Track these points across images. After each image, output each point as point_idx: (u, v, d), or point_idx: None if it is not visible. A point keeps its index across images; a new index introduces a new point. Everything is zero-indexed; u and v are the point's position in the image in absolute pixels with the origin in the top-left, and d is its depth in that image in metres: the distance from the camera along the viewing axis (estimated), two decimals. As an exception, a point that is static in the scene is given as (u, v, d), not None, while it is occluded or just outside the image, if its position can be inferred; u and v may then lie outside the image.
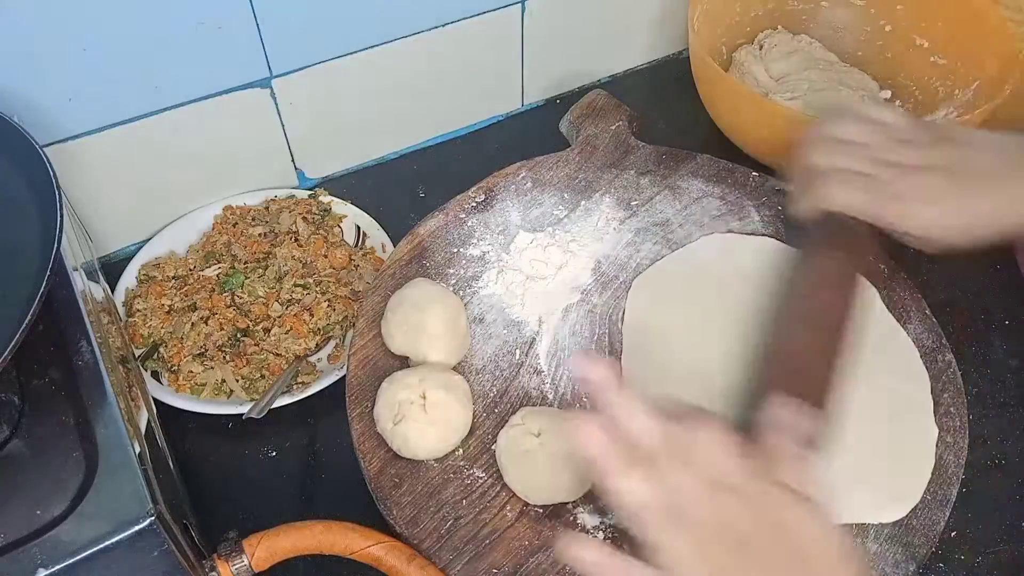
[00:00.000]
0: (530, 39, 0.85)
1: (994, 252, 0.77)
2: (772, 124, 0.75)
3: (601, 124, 0.77)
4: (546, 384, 0.61)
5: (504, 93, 0.90)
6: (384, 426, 0.56)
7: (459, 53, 0.82)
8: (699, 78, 0.82)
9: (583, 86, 0.94)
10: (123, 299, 0.73)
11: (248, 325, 0.70)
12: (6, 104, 0.59)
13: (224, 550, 0.51)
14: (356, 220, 0.79)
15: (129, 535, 0.42)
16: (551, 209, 0.71)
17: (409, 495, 0.55)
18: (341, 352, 0.70)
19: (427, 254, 0.67)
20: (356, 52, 0.76)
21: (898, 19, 0.86)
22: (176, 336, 0.69)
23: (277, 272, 0.73)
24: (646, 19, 0.93)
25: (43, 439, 0.45)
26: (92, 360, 0.48)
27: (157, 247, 0.77)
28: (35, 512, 0.42)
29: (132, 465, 0.44)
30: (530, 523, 0.54)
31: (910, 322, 0.65)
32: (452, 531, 0.54)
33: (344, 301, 0.72)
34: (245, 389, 0.67)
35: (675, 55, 0.98)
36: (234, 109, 0.74)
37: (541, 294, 0.65)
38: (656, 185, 0.73)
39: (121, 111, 0.69)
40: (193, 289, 0.72)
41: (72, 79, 0.65)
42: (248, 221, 0.78)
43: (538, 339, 0.63)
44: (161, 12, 0.65)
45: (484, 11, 0.80)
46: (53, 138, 0.68)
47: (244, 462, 0.65)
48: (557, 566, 0.53)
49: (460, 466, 0.57)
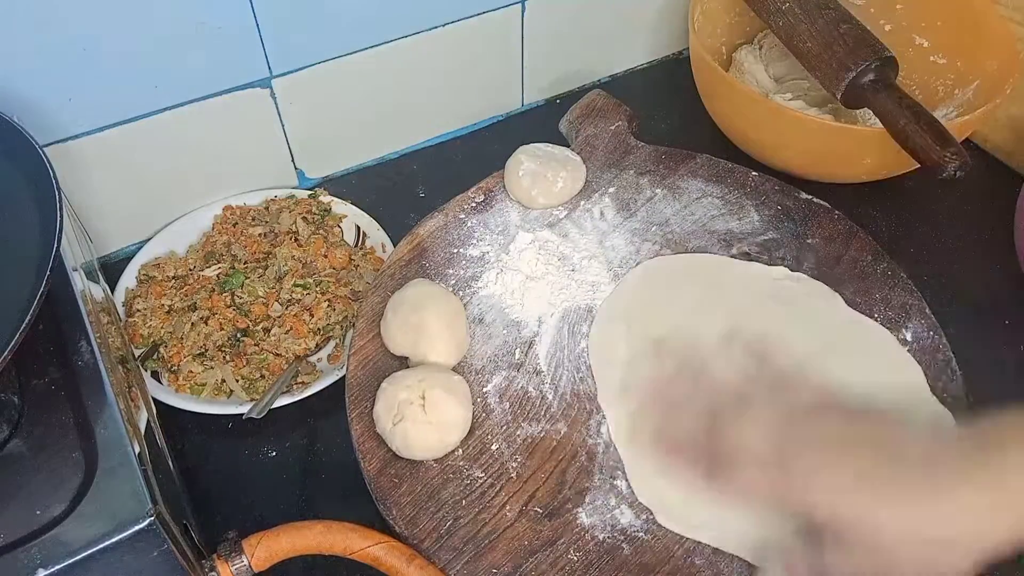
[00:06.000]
0: (530, 39, 0.85)
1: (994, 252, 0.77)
2: (772, 124, 0.75)
3: (601, 124, 0.77)
4: (546, 384, 0.61)
5: (504, 93, 0.90)
6: (384, 426, 0.56)
7: (459, 53, 0.82)
8: (699, 78, 0.82)
9: (583, 86, 0.94)
10: (123, 299, 0.73)
11: (248, 325, 0.70)
12: (6, 104, 0.59)
13: (224, 550, 0.51)
14: (356, 220, 0.79)
15: (129, 535, 0.42)
16: (551, 209, 0.71)
17: (409, 495, 0.55)
18: (341, 352, 0.70)
19: (427, 254, 0.68)
20: (356, 52, 0.76)
21: (898, 19, 0.86)
22: (176, 336, 0.69)
23: (277, 272, 0.73)
24: (646, 19, 0.93)
25: (43, 439, 0.45)
26: (92, 360, 0.48)
27: (157, 247, 0.77)
28: (35, 512, 0.42)
29: (132, 465, 0.44)
30: (530, 523, 0.54)
31: (910, 322, 0.65)
32: (452, 531, 0.54)
33: (344, 301, 0.72)
34: (245, 389, 0.67)
35: (675, 55, 0.98)
36: (234, 109, 0.74)
37: (541, 294, 0.65)
38: (656, 185, 0.73)
39: (121, 111, 0.69)
40: (193, 289, 0.72)
41: (72, 79, 0.65)
42: (248, 221, 0.78)
43: (538, 339, 0.63)
44: (161, 12, 0.65)
45: (484, 11, 0.80)
46: (53, 138, 0.68)
47: (244, 462, 0.65)
48: (557, 566, 0.53)
49: (460, 466, 0.57)
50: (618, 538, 0.54)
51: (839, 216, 0.71)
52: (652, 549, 0.53)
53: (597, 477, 0.56)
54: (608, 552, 0.53)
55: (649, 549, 0.53)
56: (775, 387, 0.46)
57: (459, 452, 0.57)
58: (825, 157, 0.75)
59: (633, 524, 0.54)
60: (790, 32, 0.76)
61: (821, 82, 0.74)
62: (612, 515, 0.55)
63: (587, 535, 0.54)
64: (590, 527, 0.54)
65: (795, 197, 0.72)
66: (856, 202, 0.78)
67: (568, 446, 0.58)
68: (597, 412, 0.59)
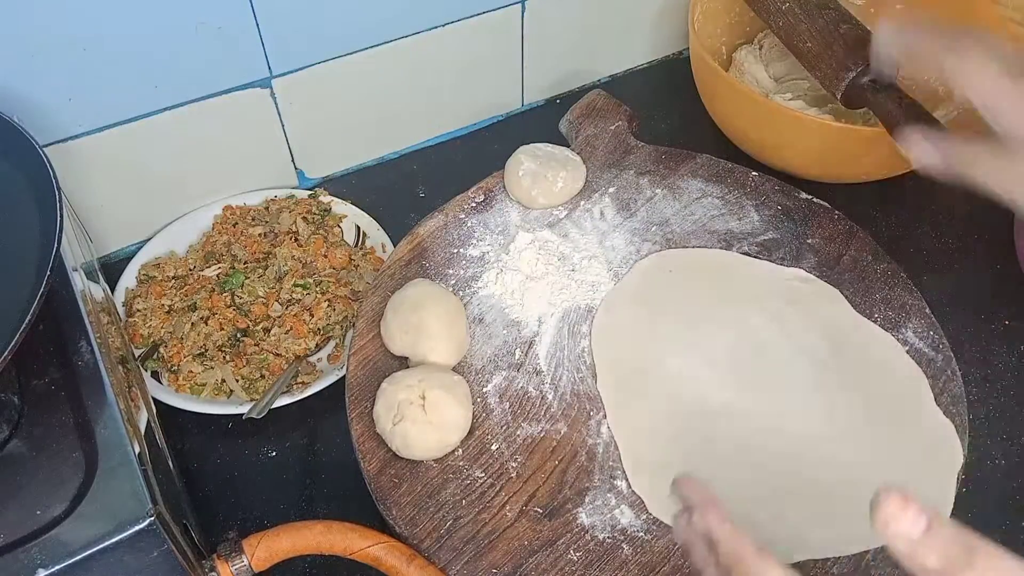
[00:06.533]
0: (530, 39, 0.85)
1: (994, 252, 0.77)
2: (772, 124, 0.75)
3: (601, 124, 0.77)
4: (545, 384, 0.61)
5: (504, 93, 0.90)
6: (384, 426, 0.56)
7: (459, 53, 0.82)
8: (699, 78, 0.82)
9: (583, 86, 0.94)
10: (123, 299, 0.73)
11: (248, 325, 0.70)
12: (6, 104, 0.59)
13: (224, 550, 0.51)
14: (356, 220, 0.79)
15: (129, 535, 0.42)
16: (551, 209, 0.71)
17: (409, 495, 0.55)
18: (341, 352, 0.70)
19: (427, 254, 0.68)
20: (356, 52, 0.76)
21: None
22: (176, 336, 0.69)
23: (277, 272, 0.73)
24: (646, 19, 0.93)
25: (43, 439, 0.45)
26: (92, 360, 0.48)
27: (157, 247, 0.77)
28: (35, 512, 0.42)
29: (132, 465, 0.44)
30: (530, 523, 0.54)
31: (910, 322, 0.65)
32: (452, 531, 0.54)
33: (344, 301, 0.72)
34: (245, 389, 0.67)
35: (675, 55, 0.98)
36: (234, 109, 0.74)
37: (541, 294, 0.65)
38: (656, 185, 0.73)
39: (121, 111, 0.69)
40: (193, 289, 0.72)
41: (72, 79, 0.65)
42: (248, 221, 0.78)
43: (538, 339, 0.63)
44: (161, 12, 0.65)
45: (484, 11, 0.80)
46: (53, 138, 0.68)
47: (244, 462, 0.65)
48: (557, 566, 0.53)
49: (460, 466, 0.57)
50: (618, 538, 0.54)
51: (839, 216, 0.71)
52: (652, 549, 0.53)
53: (597, 477, 0.56)
54: (608, 552, 0.53)
55: (649, 549, 0.53)
56: None
57: (459, 452, 0.57)
58: (825, 157, 0.75)
59: (633, 524, 0.54)
60: (790, 32, 0.76)
61: (821, 82, 0.74)
62: (612, 515, 0.55)
63: (587, 535, 0.54)
64: (590, 527, 0.54)
65: (795, 197, 0.72)
66: (856, 202, 0.78)
67: (568, 446, 0.58)
68: (597, 412, 0.59)
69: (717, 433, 0.58)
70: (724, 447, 0.58)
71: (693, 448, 0.58)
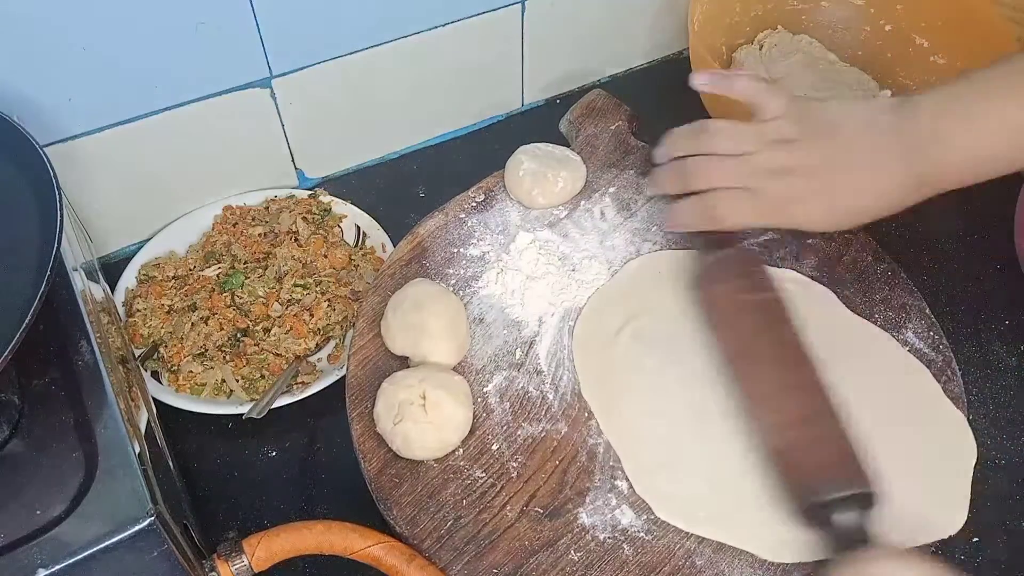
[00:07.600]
0: (530, 39, 0.85)
1: (994, 252, 0.77)
2: (772, 124, 0.75)
3: (601, 124, 0.77)
4: (546, 384, 0.61)
5: (504, 93, 0.90)
6: (384, 426, 0.56)
7: (459, 53, 0.82)
8: (699, 78, 0.82)
9: (583, 86, 0.94)
10: (123, 299, 0.73)
11: (248, 325, 0.70)
12: (6, 104, 0.59)
13: (224, 550, 0.51)
14: (356, 220, 0.79)
15: (129, 535, 0.42)
16: (551, 209, 0.71)
17: (409, 495, 0.55)
18: (341, 352, 0.70)
19: (427, 254, 0.67)
20: (356, 52, 0.76)
21: (898, 19, 0.86)
22: (176, 336, 0.69)
23: (277, 272, 0.73)
24: (646, 19, 0.93)
25: (43, 439, 0.45)
26: (92, 360, 0.48)
27: (157, 247, 0.77)
28: (35, 512, 0.42)
29: (132, 465, 0.44)
30: (530, 523, 0.54)
31: (910, 322, 0.65)
32: (452, 531, 0.54)
33: (344, 301, 0.72)
34: (245, 389, 0.67)
35: (675, 55, 0.98)
36: (234, 109, 0.74)
37: (541, 294, 0.65)
38: (656, 185, 0.73)
39: (121, 111, 0.69)
40: (193, 289, 0.72)
41: (72, 79, 0.65)
42: (248, 221, 0.78)
43: (538, 339, 0.63)
44: (161, 12, 0.65)
45: (484, 11, 0.80)
46: (53, 138, 0.68)
47: (244, 462, 0.65)
48: (558, 566, 0.53)
49: (460, 466, 0.57)
50: (619, 538, 0.54)
51: (839, 216, 0.71)
52: (653, 549, 0.53)
53: (598, 477, 0.56)
54: (609, 552, 0.53)
55: (650, 549, 0.53)
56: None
57: (459, 452, 0.57)
58: (825, 157, 0.75)
59: (634, 524, 0.54)
60: None
61: None
62: (613, 515, 0.55)
63: (588, 535, 0.54)
64: (591, 527, 0.54)
65: (795, 197, 0.72)
66: (856, 202, 0.77)
67: (568, 446, 0.58)
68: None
69: (712, 433, 0.58)
70: (722, 446, 0.57)
71: (692, 447, 0.58)
